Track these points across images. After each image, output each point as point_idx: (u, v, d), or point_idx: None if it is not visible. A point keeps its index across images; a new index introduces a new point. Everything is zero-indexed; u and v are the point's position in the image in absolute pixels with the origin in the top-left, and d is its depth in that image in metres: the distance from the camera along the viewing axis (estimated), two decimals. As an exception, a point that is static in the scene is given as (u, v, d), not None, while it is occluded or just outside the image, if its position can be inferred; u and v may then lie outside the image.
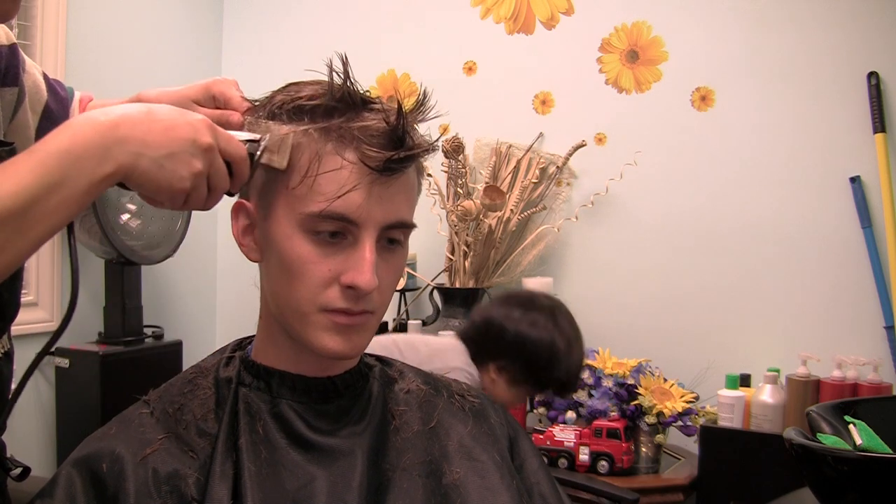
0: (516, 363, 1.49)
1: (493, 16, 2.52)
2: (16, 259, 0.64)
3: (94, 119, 0.65)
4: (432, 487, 0.78)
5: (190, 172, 0.67)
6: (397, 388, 0.86)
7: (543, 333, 1.47)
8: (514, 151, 2.44)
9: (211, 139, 0.69)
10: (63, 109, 0.99)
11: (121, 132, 0.65)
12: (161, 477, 0.71)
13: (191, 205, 0.70)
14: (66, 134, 0.64)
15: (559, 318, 1.50)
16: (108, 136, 0.64)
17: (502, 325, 1.50)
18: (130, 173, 0.66)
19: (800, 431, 0.93)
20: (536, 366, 1.48)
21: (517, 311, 1.51)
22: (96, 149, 0.64)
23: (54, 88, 0.99)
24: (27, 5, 2.15)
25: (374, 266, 0.72)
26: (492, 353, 1.51)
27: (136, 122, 0.66)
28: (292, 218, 0.73)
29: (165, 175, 0.66)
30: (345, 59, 0.75)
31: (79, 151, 0.63)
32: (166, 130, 0.66)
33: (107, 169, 0.64)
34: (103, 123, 0.65)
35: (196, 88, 0.88)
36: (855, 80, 2.10)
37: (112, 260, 2.24)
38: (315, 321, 0.74)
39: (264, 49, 2.83)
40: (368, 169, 0.72)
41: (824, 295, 2.13)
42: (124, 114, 0.66)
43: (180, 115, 0.69)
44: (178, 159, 0.67)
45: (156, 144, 0.66)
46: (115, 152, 0.64)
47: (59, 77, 2.27)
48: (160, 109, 0.68)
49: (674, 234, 2.31)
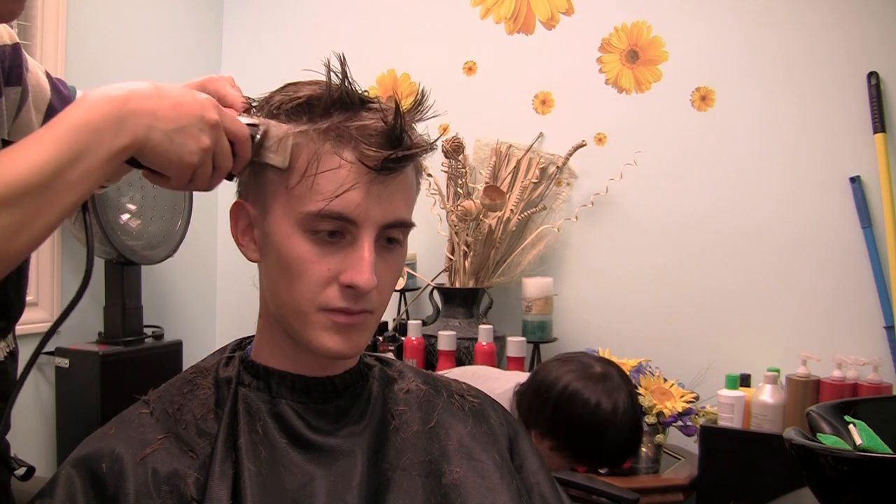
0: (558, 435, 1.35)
1: (493, 16, 2.52)
2: (43, 232, 0.66)
3: (107, 93, 0.67)
4: (432, 487, 0.78)
5: (199, 147, 0.69)
6: (397, 387, 0.86)
7: (585, 409, 1.31)
8: (514, 151, 2.43)
9: (217, 116, 0.70)
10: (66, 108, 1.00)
11: (133, 105, 0.66)
12: (161, 477, 0.71)
13: (196, 183, 0.71)
14: (81, 108, 0.66)
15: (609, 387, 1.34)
16: (122, 109, 0.66)
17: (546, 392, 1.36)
18: (144, 145, 0.67)
19: (800, 431, 0.93)
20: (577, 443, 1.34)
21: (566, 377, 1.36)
22: (113, 120, 0.66)
23: (57, 87, 1.00)
24: (27, 5, 2.15)
25: (372, 265, 0.72)
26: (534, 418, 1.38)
27: (146, 96, 0.67)
28: (291, 217, 0.73)
29: (175, 149, 0.68)
30: (343, 59, 0.75)
31: (97, 123, 0.65)
32: (175, 106, 0.68)
33: (123, 140, 0.66)
34: (116, 97, 0.66)
35: (191, 86, 0.89)
36: (855, 80, 2.09)
37: (112, 260, 2.24)
38: (314, 321, 0.74)
39: (264, 49, 2.83)
40: (367, 168, 0.72)
41: (824, 295, 2.13)
42: (134, 89, 0.68)
43: (187, 93, 0.70)
44: (187, 133, 0.68)
45: (166, 118, 0.67)
46: (130, 124, 0.66)
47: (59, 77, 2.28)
48: (168, 86, 0.70)
49: (674, 234, 2.31)
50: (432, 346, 2.20)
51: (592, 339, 2.22)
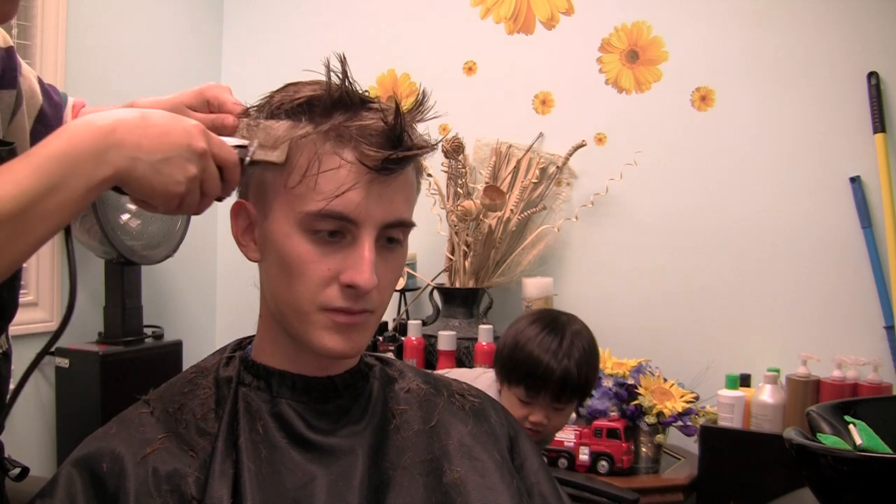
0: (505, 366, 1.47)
1: (493, 16, 2.52)
2: (15, 261, 0.65)
3: (91, 123, 0.66)
4: (433, 486, 0.78)
5: (185, 177, 0.68)
6: (397, 387, 0.86)
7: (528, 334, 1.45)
8: (514, 151, 2.43)
9: (205, 144, 0.70)
10: (57, 114, 1.00)
11: (117, 136, 0.66)
12: (161, 476, 0.71)
13: (184, 209, 0.71)
14: (63, 137, 0.65)
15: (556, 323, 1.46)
16: (104, 141, 0.65)
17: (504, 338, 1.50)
18: (127, 177, 0.66)
19: (800, 431, 0.93)
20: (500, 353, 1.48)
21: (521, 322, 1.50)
22: (93, 152, 0.65)
23: (49, 93, 1.00)
24: (27, 5, 2.15)
25: (373, 265, 0.72)
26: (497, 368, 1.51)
27: (131, 126, 0.67)
28: (291, 217, 0.73)
29: (161, 179, 0.67)
30: (343, 59, 0.75)
31: (76, 155, 0.64)
32: (161, 136, 0.67)
33: (104, 172, 0.65)
34: (100, 128, 0.66)
35: (189, 94, 0.90)
36: (855, 81, 2.09)
37: (112, 260, 2.24)
38: (315, 320, 0.74)
39: (264, 49, 2.83)
40: (367, 168, 0.72)
41: (824, 295, 2.13)
42: (120, 118, 0.67)
43: (175, 121, 0.69)
44: (173, 164, 0.68)
45: (151, 149, 0.67)
46: (111, 156, 0.65)
47: (59, 77, 2.28)
48: (154, 114, 0.69)
49: (674, 234, 2.31)
50: (432, 346, 2.20)
51: (592, 339, 2.22)
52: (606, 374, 1.93)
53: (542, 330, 1.44)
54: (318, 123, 0.74)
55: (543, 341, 1.42)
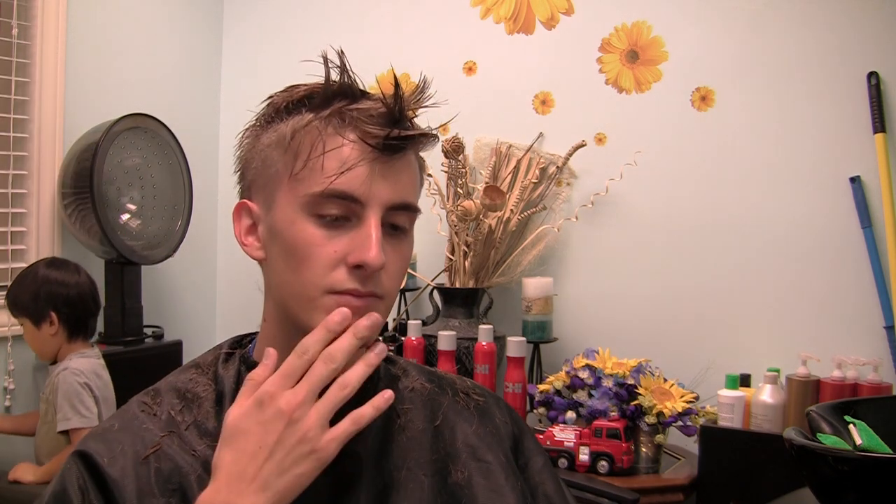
0: None
1: (493, 16, 2.52)
2: None
3: None
4: (438, 486, 0.78)
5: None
6: (401, 385, 0.86)
7: None
8: (514, 151, 2.44)
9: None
10: None
11: None
12: (163, 474, 0.71)
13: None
14: None
15: None
16: None
17: None
18: None
19: (800, 431, 0.93)
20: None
21: None
22: None
23: None
24: (27, 5, 2.15)
25: (380, 243, 0.71)
26: None
27: None
28: (295, 202, 0.73)
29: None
30: (341, 52, 0.75)
31: None
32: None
33: None
34: None
35: None
36: (855, 80, 2.09)
37: (112, 260, 2.24)
38: (322, 304, 0.73)
39: (264, 49, 2.83)
40: (369, 147, 0.72)
41: (824, 295, 2.13)
42: None
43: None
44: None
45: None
46: None
47: (59, 77, 2.28)
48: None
49: (674, 235, 2.31)
50: (432, 346, 2.20)
51: (592, 339, 2.22)
52: (606, 374, 1.93)
53: None
54: (319, 111, 0.74)
55: None
